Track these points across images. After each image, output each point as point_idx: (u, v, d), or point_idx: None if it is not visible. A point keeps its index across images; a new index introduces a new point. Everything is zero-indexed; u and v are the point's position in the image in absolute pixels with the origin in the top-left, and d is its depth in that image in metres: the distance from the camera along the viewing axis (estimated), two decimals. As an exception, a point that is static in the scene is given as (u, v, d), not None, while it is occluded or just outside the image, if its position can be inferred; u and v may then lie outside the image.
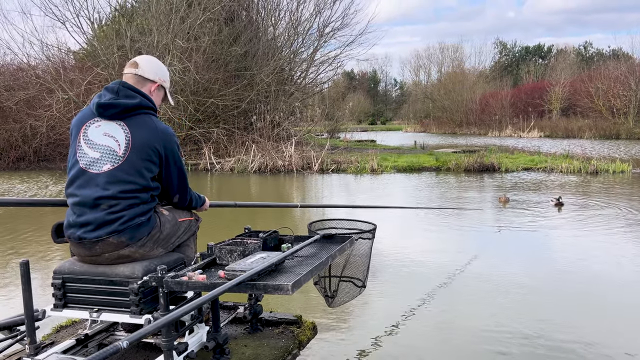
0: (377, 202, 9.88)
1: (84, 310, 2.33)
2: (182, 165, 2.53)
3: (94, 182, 2.29)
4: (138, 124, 2.35)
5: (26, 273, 2.27)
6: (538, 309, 4.11)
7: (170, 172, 2.47)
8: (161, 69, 2.59)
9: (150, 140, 2.34)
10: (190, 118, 17.64)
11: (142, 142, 2.32)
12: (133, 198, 2.30)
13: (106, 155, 2.30)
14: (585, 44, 62.54)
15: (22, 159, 18.34)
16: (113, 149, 2.30)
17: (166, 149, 2.40)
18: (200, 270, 2.33)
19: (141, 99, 2.39)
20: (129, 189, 2.29)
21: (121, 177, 2.28)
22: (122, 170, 2.28)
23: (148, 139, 2.33)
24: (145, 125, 2.36)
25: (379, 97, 75.01)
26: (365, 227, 3.24)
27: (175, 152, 2.45)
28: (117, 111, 2.34)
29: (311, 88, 24.00)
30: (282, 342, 2.87)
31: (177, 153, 2.48)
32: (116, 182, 2.28)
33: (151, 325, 1.65)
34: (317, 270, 2.41)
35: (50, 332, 3.04)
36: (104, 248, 2.30)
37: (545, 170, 14.54)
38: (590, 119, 34.43)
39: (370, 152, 17.21)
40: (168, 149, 2.41)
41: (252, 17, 20.67)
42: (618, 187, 11.13)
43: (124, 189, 2.28)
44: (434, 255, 5.84)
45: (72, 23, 19.15)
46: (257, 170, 15.87)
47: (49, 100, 17.22)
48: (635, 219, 7.63)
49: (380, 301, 4.37)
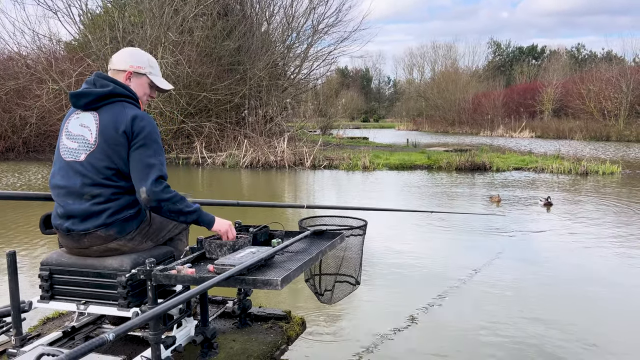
0: (369, 198, 9.89)
1: (71, 303, 2.32)
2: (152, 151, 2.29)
3: (73, 172, 2.29)
4: (107, 111, 2.31)
5: (12, 264, 2.26)
6: (531, 307, 4.13)
7: (133, 155, 2.27)
8: (133, 56, 2.49)
9: (116, 123, 2.27)
10: (182, 111, 17.55)
11: (108, 127, 2.27)
12: (114, 187, 2.28)
13: (82, 145, 2.30)
14: (578, 45, 63.05)
15: (10, 149, 18.16)
16: (86, 138, 2.30)
17: (134, 130, 2.27)
18: (189, 264, 2.32)
19: (114, 87, 2.34)
20: (106, 176, 2.27)
21: (95, 164, 2.26)
22: (94, 157, 2.27)
23: (114, 123, 2.27)
24: (114, 111, 2.31)
25: (372, 95, 75.08)
26: (356, 224, 3.23)
27: (142, 135, 2.27)
28: (88, 100, 2.32)
29: (304, 84, 23.96)
30: (271, 337, 2.87)
31: (148, 137, 2.29)
32: (92, 170, 2.26)
33: (138, 318, 1.64)
34: (307, 265, 2.40)
35: (36, 324, 3.02)
36: (92, 241, 2.29)
37: (536, 170, 14.62)
38: (582, 121, 34.65)
39: (362, 149, 17.22)
40: (136, 130, 2.27)
41: (246, 11, 20.58)
42: (607, 187, 11.23)
43: (101, 176, 2.26)
44: (425, 254, 5.85)
45: (63, 13, 19.00)
46: (249, 165, 15.83)
47: (39, 90, 17.06)
48: (623, 220, 7.70)
49: (370, 298, 4.38)
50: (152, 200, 2.24)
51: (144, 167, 2.25)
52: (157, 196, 2.24)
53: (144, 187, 2.23)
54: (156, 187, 2.24)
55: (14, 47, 18.99)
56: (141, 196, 2.25)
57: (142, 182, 2.24)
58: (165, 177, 2.31)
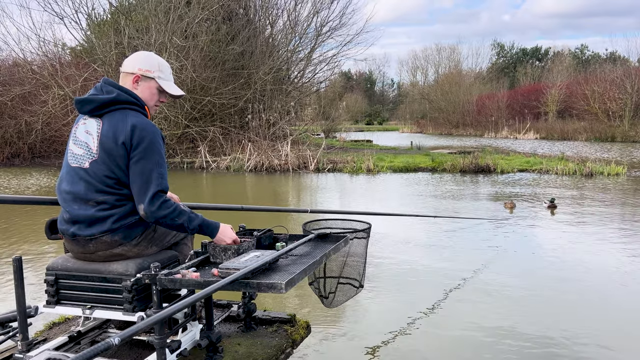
0: (373, 201, 9.88)
1: (76, 307, 2.33)
2: (150, 165, 2.25)
3: (78, 178, 2.30)
4: (110, 119, 2.31)
5: (19, 269, 2.27)
6: (534, 311, 4.12)
7: (132, 168, 2.25)
8: (143, 59, 2.45)
9: (116, 134, 2.26)
10: (187, 116, 17.61)
11: (108, 138, 2.27)
12: (118, 194, 2.29)
13: (86, 152, 2.31)
14: (582, 46, 62.86)
15: (16, 155, 18.27)
16: (90, 145, 2.31)
17: (133, 142, 2.24)
18: (194, 268, 2.32)
19: (118, 94, 2.33)
20: (109, 185, 2.27)
21: (98, 172, 2.27)
22: (97, 165, 2.28)
23: (114, 134, 2.26)
24: (116, 119, 2.30)
25: (375, 98, 75.08)
26: (360, 227, 3.23)
27: (142, 147, 2.24)
28: (92, 107, 2.32)
29: (308, 87, 24.00)
30: (276, 340, 2.87)
31: (147, 149, 2.25)
32: (96, 178, 2.27)
33: (143, 322, 1.65)
34: (311, 269, 2.41)
35: (42, 328, 3.03)
36: (97, 246, 2.30)
37: (541, 172, 14.58)
38: (586, 122, 34.52)
39: (366, 152, 17.22)
40: (135, 143, 2.24)
41: (250, 16, 20.65)
42: (612, 189, 11.18)
43: (104, 184, 2.27)
44: (429, 257, 5.85)
45: (70, 19, 19.15)
46: (253, 169, 15.86)
47: (44, 96, 17.16)
48: (628, 221, 7.66)
49: (374, 301, 4.37)
50: (149, 218, 2.25)
51: (143, 183, 2.24)
52: (155, 215, 2.24)
53: (142, 204, 2.23)
54: (153, 205, 2.22)
55: (19, 53, 19.16)
56: (140, 212, 2.26)
57: (140, 198, 2.24)
58: (166, 189, 2.29)
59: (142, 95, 2.44)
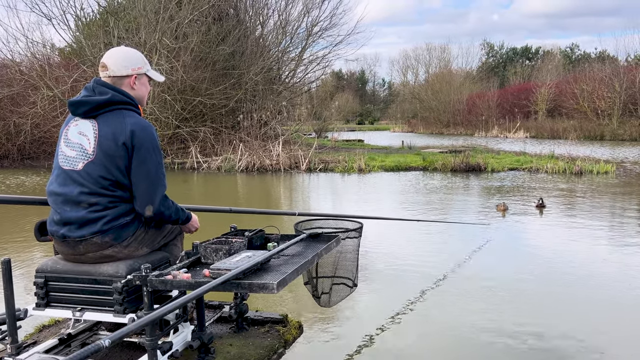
0: (364, 201, 9.90)
1: (66, 310, 2.31)
2: (154, 166, 2.31)
3: (71, 180, 2.29)
4: (106, 120, 2.30)
5: (7, 271, 2.25)
6: (525, 309, 4.15)
7: (136, 170, 2.29)
8: (130, 58, 2.45)
9: (115, 135, 2.26)
10: (177, 117, 17.53)
11: (108, 139, 2.26)
12: (111, 196, 2.28)
13: (80, 153, 2.30)
14: (573, 45, 63.33)
15: (5, 157, 18.09)
16: (84, 147, 2.29)
17: (134, 143, 2.26)
18: (185, 269, 2.32)
19: (113, 94, 2.32)
20: (103, 186, 2.27)
21: (93, 174, 2.26)
22: (92, 167, 2.27)
23: (113, 135, 2.26)
24: (113, 120, 2.30)
25: (367, 97, 75.18)
26: (352, 226, 3.24)
27: (144, 149, 2.28)
28: (87, 109, 2.31)
29: (299, 87, 23.99)
30: (268, 341, 2.86)
31: (150, 150, 2.29)
32: (90, 179, 2.26)
33: (134, 323, 1.64)
34: (302, 269, 2.41)
35: (32, 331, 3.00)
36: (87, 248, 2.28)
37: (531, 170, 14.67)
38: (575, 120, 34.79)
39: (357, 152, 17.24)
40: (137, 144, 2.26)
41: (240, 16, 20.60)
42: (601, 187, 11.27)
43: (99, 185, 2.26)
44: (421, 256, 5.86)
45: (58, 20, 18.98)
46: (245, 169, 15.82)
47: (33, 97, 17.01)
48: (618, 219, 7.73)
49: (367, 301, 4.38)
50: (156, 216, 2.36)
51: (150, 184, 2.31)
52: (162, 215, 2.38)
53: (151, 205, 2.32)
54: (163, 206, 2.35)
55: (7, 54, 18.97)
56: (146, 212, 2.32)
57: (149, 199, 2.31)
58: (166, 188, 2.39)
59: (140, 93, 2.47)
